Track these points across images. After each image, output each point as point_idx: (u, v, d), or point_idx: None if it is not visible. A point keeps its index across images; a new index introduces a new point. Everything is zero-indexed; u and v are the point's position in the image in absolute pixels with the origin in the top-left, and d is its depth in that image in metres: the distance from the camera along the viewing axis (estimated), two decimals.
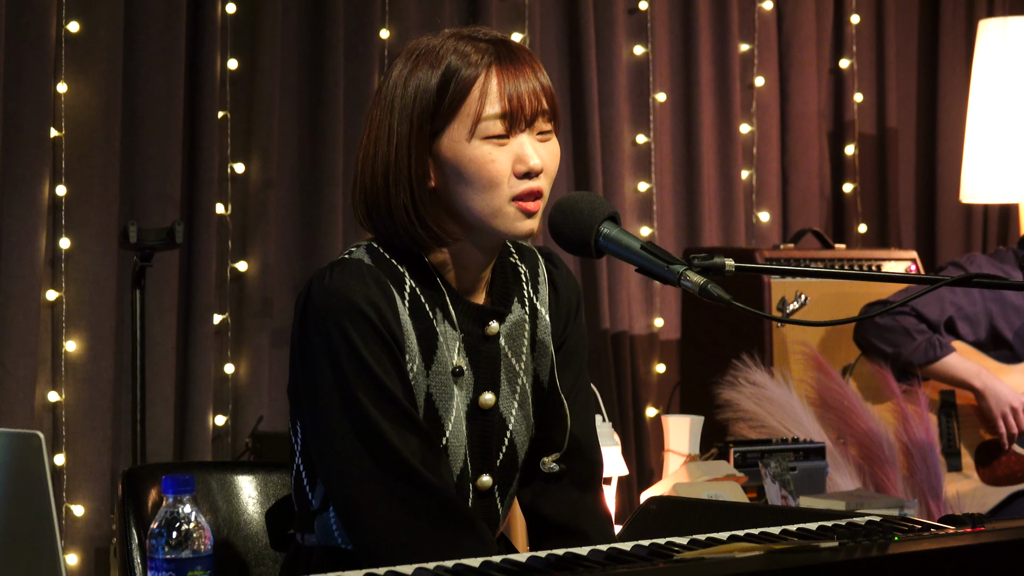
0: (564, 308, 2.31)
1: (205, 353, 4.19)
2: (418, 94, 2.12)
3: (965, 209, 5.74)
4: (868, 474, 3.96)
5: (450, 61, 2.11)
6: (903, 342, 4.09)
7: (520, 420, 2.24)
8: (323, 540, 2.18)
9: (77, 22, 4.05)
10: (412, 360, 2.13)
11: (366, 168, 2.16)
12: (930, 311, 4.13)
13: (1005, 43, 4.85)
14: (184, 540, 1.75)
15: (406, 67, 2.15)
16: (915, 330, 4.10)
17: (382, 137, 2.14)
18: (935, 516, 3.69)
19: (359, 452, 2.07)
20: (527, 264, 2.29)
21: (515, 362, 2.23)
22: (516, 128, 2.12)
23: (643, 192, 5.08)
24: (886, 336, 4.11)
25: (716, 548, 1.75)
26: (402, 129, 2.12)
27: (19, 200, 3.93)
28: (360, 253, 2.16)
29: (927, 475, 3.98)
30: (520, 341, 2.24)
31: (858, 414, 4.01)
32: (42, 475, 1.74)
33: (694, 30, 5.16)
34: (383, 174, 2.14)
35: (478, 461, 2.20)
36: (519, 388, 2.24)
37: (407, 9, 4.59)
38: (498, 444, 2.22)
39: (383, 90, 2.17)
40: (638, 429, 4.97)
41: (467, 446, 2.18)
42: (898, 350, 4.09)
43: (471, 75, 2.11)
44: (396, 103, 2.13)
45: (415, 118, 2.12)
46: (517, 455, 2.24)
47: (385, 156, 2.14)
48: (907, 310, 4.12)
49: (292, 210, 4.42)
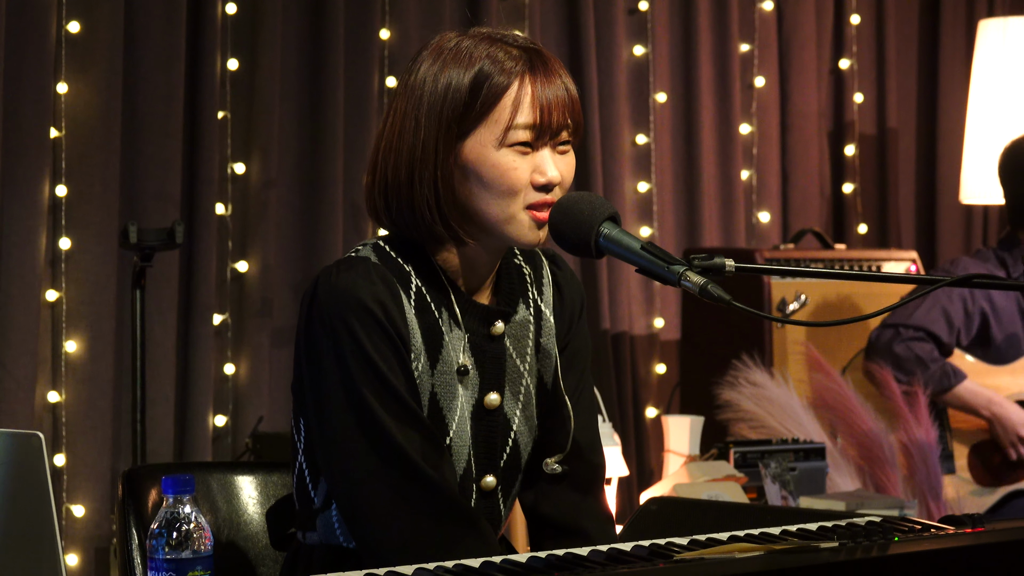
0: (568, 310, 2.31)
1: (205, 353, 4.19)
2: (448, 93, 2.12)
3: (965, 209, 5.74)
4: (868, 474, 3.96)
5: (483, 65, 2.11)
6: (917, 371, 4.10)
7: (524, 421, 2.24)
8: (325, 538, 2.18)
9: (77, 22, 4.05)
10: (417, 358, 2.13)
11: (388, 159, 2.15)
12: (941, 331, 4.13)
13: (1005, 43, 4.85)
14: (184, 540, 1.75)
15: (435, 64, 2.14)
16: (929, 359, 4.10)
17: (407, 129, 2.14)
18: (935, 516, 3.69)
19: (363, 449, 2.07)
20: (531, 265, 2.29)
21: (519, 363, 2.23)
22: (541, 140, 2.13)
23: (643, 192, 5.08)
24: (901, 365, 4.12)
25: (716, 548, 1.75)
26: (430, 125, 2.12)
27: (19, 200, 3.93)
28: (367, 251, 2.16)
29: (927, 475, 3.98)
30: (524, 342, 2.25)
31: (858, 414, 4.01)
32: (42, 475, 1.74)
33: (694, 30, 5.16)
34: (407, 168, 2.13)
35: (482, 462, 2.20)
36: (523, 389, 2.24)
37: (407, 9, 4.59)
38: (502, 445, 2.22)
39: (410, 82, 2.15)
40: (638, 429, 4.97)
41: (471, 446, 2.18)
42: (912, 379, 4.09)
43: (504, 82, 2.11)
44: (425, 98, 2.13)
45: (444, 117, 2.12)
46: (520, 456, 2.24)
47: (411, 150, 2.13)
48: (921, 335, 4.12)
49: (292, 210, 4.42)
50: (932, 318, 4.13)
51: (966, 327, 4.18)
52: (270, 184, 4.34)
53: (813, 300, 4.48)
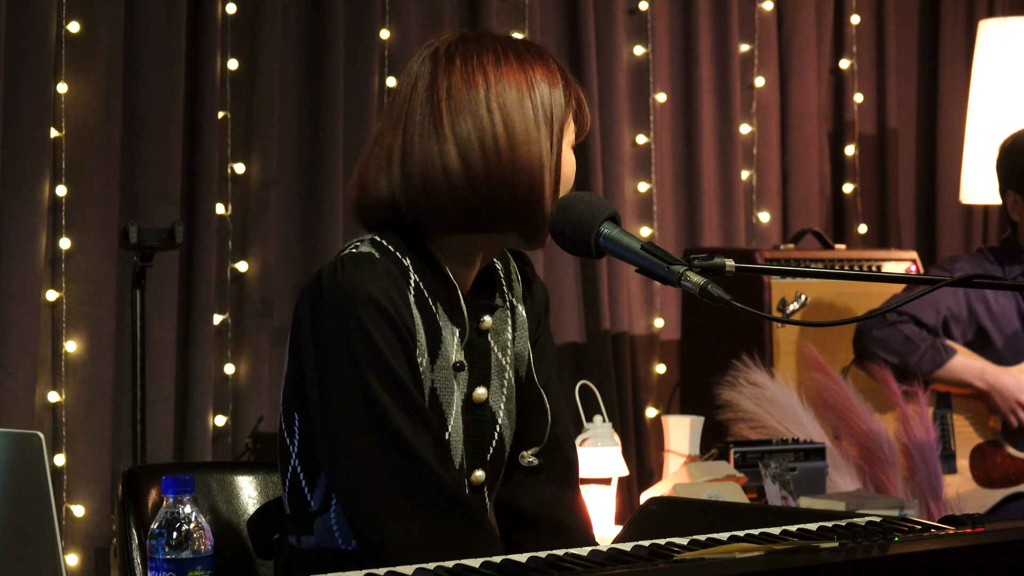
0: (538, 305, 2.33)
1: (205, 353, 4.19)
2: (551, 101, 2.16)
3: (965, 209, 5.74)
4: (868, 474, 3.96)
5: (558, 72, 2.19)
6: (907, 350, 4.09)
7: (507, 415, 2.25)
8: (323, 542, 2.16)
9: (77, 22, 4.05)
10: (421, 354, 2.12)
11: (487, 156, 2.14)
12: (926, 316, 4.13)
13: (1005, 43, 4.85)
14: (184, 540, 1.75)
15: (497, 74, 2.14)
16: (918, 337, 4.10)
17: (510, 135, 2.14)
18: (935, 517, 3.69)
19: (371, 445, 2.05)
20: (501, 261, 2.30)
21: (501, 357, 2.24)
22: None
23: (643, 192, 5.08)
24: (890, 347, 4.11)
25: (716, 549, 1.75)
26: (539, 127, 2.15)
27: (19, 200, 3.93)
28: (366, 247, 2.14)
29: (927, 475, 3.98)
30: (504, 336, 2.26)
31: (858, 414, 4.01)
32: (42, 475, 1.74)
33: (694, 30, 5.16)
34: (512, 172, 2.13)
35: (472, 456, 2.20)
36: (506, 383, 2.25)
37: (407, 9, 4.59)
38: (489, 438, 2.22)
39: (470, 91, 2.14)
40: (638, 429, 4.97)
41: (463, 441, 2.18)
42: (904, 359, 4.08)
43: (569, 91, 2.19)
44: (514, 110, 2.13)
45: (553, 121, 2.16)
46: (504, 449, 2.25)
47: (523, 155, 2.14)
48: (905, 318, 4.12)
49: (292, 210, 4.42)
50: (918, 305, 4.13)
51: (955, 319, 4.17)
52: (270, 184, 4.34)
53: (813, 300, 4.48)
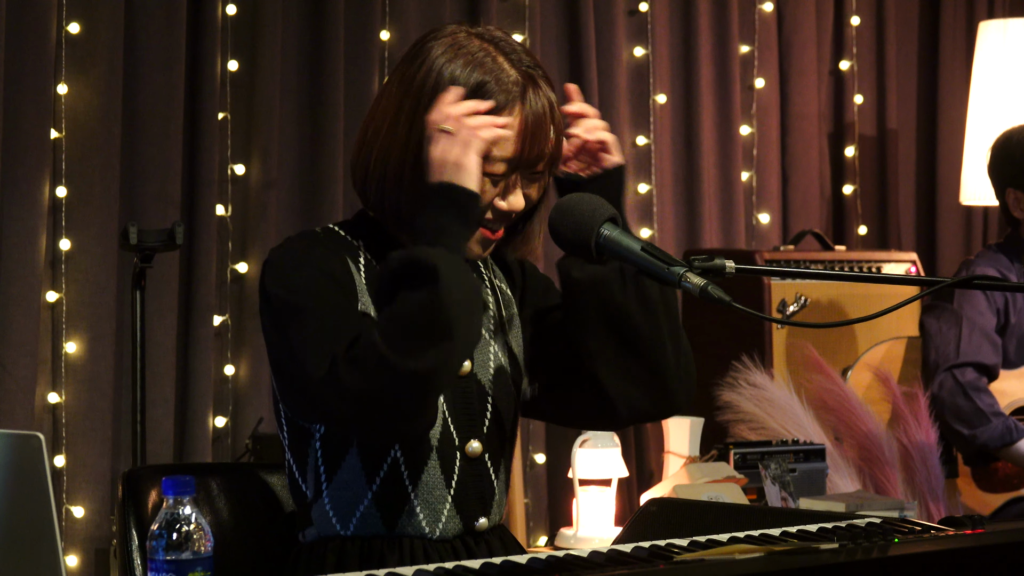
0: (515, 274, 2.35)
1: (205, 354, 4.19)
2: (445, 82, 2.13)
3: (965, 211, 5.73)
4: (868, 476, 3.96)
5: (485, 79, 2.13)
6: (979, 424, 4.04)
7: (501, 388, 2.25)
8: (321, 530, 2.20)
9: (77, 23, 4.05)
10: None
11: (378, 139, 2.16)
12: (986, 355, 4.09)
13: (1005, 45, 4.86)
14: (184, 541, 1.75)
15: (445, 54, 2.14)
16: (991, 412, 4.05)
17: (405, 110, 2.14)
18: (935, 518, 3.69)
19: (293, 332, 2.11)
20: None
21: (483, 331, 2.23)
22: (515, 172, 2.16)
23: (643, 194, 5.08)
24: (964, 418, 4.07)
25: (716, 550, 1.75)
26: (420, 106, 2.13)
27: (19, 201, 3.93)
28: (311, 230, 2.23)
29: (927, 477, 3.98)
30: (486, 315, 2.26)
31: (858, 416, 4.01)
32: (42, 476, 1.74)
33: (694, 32, 5.16)
34: (400, 149, 2.14)
35: (463, 427, 2.21)
36: (492, 357, 2.25)
37: (407, 10, 4.59)
38: (481, 410, 2.22)
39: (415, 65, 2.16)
40: (638, 430, 4.96)
41: (446, 412, 2.18)
42: (974, 432, 4.04)
43: (501, 101, 2.13)
44: (428, 85, 2.13)
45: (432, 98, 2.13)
46: (504, 424, 2.25)
47: (387, 134, 2.15)
48: (973, 373, 4.05)
49: (292, 211, 4.42)
50: (975, 346, 4.08)
51: (999, 332, 4.14)
52: (270, 185, 4.34)
53: (813, 302, 4.48)
